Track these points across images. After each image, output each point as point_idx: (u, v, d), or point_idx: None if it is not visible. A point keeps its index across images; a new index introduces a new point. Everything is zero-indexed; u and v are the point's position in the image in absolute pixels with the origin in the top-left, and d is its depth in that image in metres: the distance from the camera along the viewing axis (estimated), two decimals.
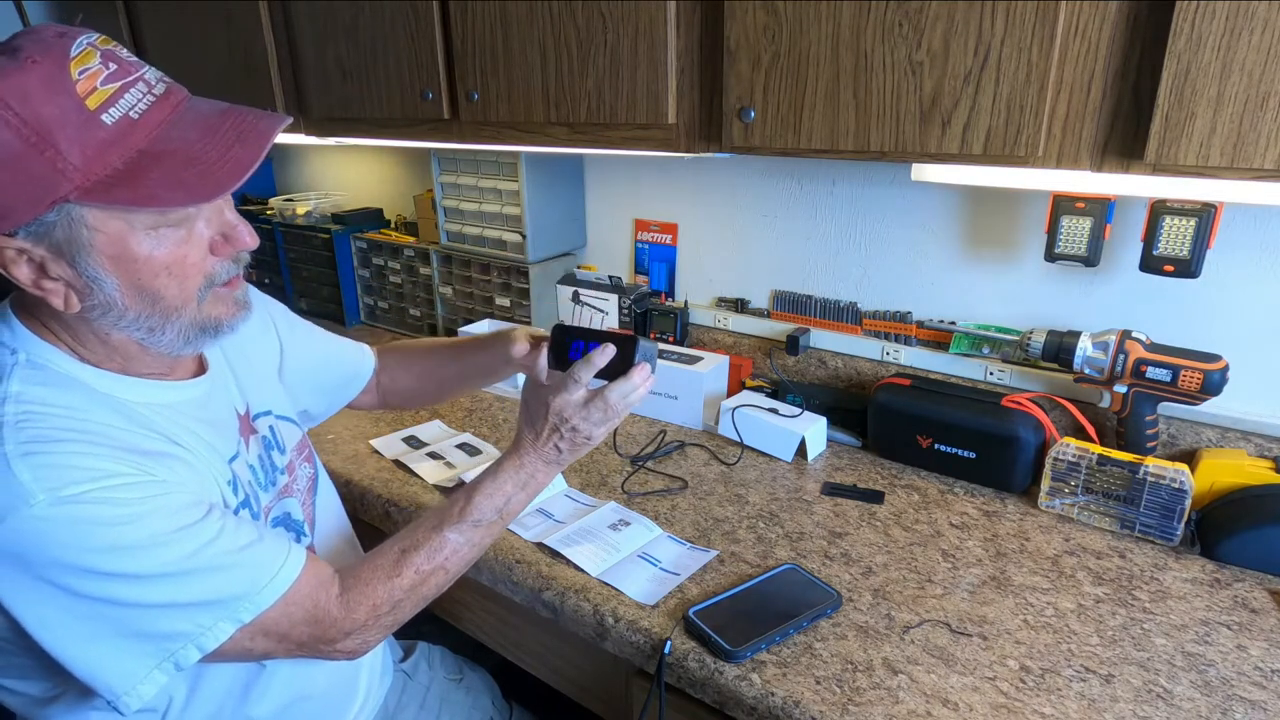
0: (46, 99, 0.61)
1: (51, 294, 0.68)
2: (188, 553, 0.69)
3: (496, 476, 0.87)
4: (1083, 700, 0.80)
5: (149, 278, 0.70)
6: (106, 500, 0.66)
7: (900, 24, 0.92)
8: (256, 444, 0.91)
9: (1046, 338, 1.18)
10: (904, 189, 1.35)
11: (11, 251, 0.65)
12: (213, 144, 0.67)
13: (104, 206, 0.65)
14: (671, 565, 1.03)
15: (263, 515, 0.87)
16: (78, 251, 0.66)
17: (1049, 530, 1.10)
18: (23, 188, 0.62)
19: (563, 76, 1.23)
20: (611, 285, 1.67)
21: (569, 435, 0.87)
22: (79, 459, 0.67)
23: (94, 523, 0.66)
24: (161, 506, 0.69)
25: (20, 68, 0.61)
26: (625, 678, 0.99)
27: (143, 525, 0.67)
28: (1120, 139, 0.87)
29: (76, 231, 0.65)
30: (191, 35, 1.80)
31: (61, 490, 0.65)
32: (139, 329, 0.72)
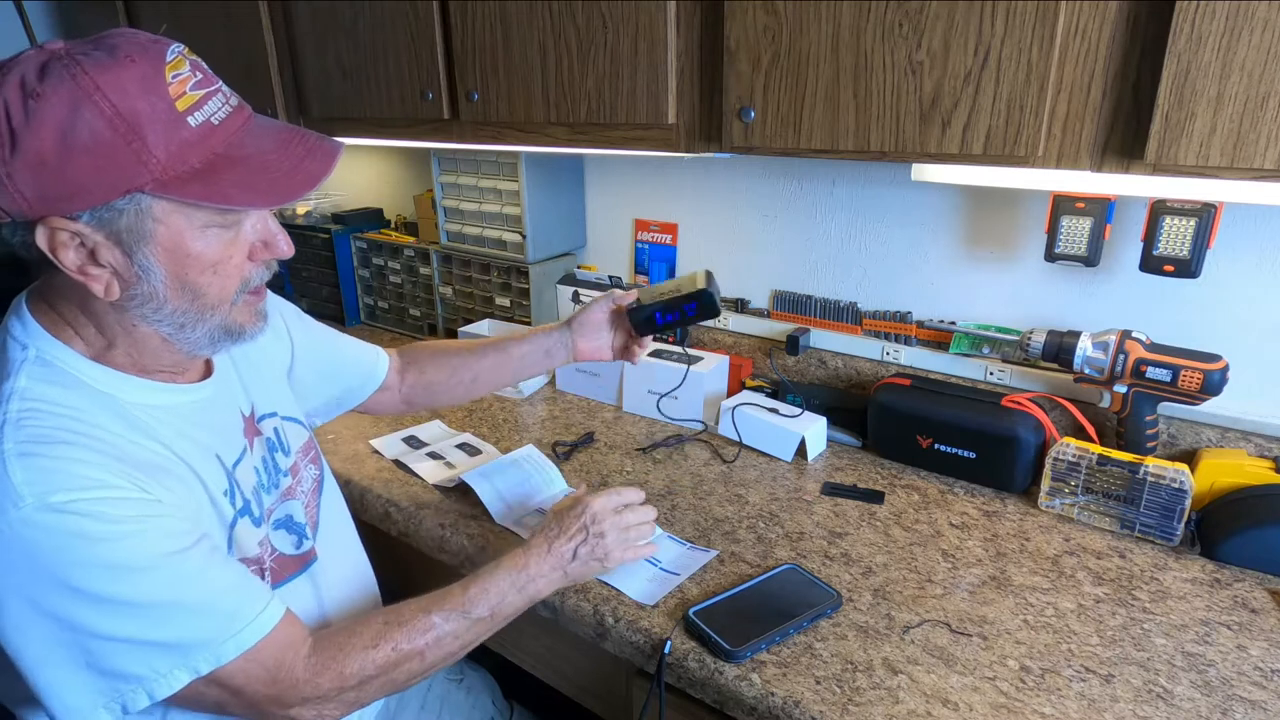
0: (140, 95, 0.65)
1: (94, 280, 0.69)
2: (163, 584, 0.68)
3: (494, 571, 0.87)
4: (1083, 700, 0.80)
5: (195, 273, 0.72)
6: (93, 514, 0.65)
7: (900, 24, 0.92)
8: (261, 445, 0.90)
9: (1046, 338, 1.18)
10: (904, 189, 1.35)
11: (66, 234, 0.67)
12: (285, 156, 0.73)
13: (174, 200, 0.68)
14: (671, 565, 1.03)
15: (265, 518, 0.86)
16: (137, 240, 0.69)
17: (1049, 530, 1.10)
18: (103, 172, 0.65)
19: (563, 76, 1.23)
20: (611, 285, 1.67)
21: (593, 542, 0.91)
22: (74, 465, 0.66)
23: (76, 535, 0.65)
24: (149, 529, 0.68)
25: (118, 63, 0.65)
26: (625, 678, 0.99)
27: (125, 546, 0.66)
28: (1120, 139, 0.87)
29: (141, 221, 0.68)
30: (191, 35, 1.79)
31: (50, 496, 0.64)
32: (171, 324, 0.74)
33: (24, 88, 0.63)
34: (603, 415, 1.49)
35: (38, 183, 0.64)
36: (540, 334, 1.14)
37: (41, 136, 0.63)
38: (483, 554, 1.08)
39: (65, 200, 0.65)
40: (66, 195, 0.65)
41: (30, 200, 0.64)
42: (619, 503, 0.95)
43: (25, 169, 0.63)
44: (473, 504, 1.17)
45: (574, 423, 1.46)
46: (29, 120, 0.62)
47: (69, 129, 0.63)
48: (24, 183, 0.64)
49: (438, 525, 1.14)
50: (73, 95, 0.63)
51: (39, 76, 0.63)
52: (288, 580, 0.88)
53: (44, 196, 0.64)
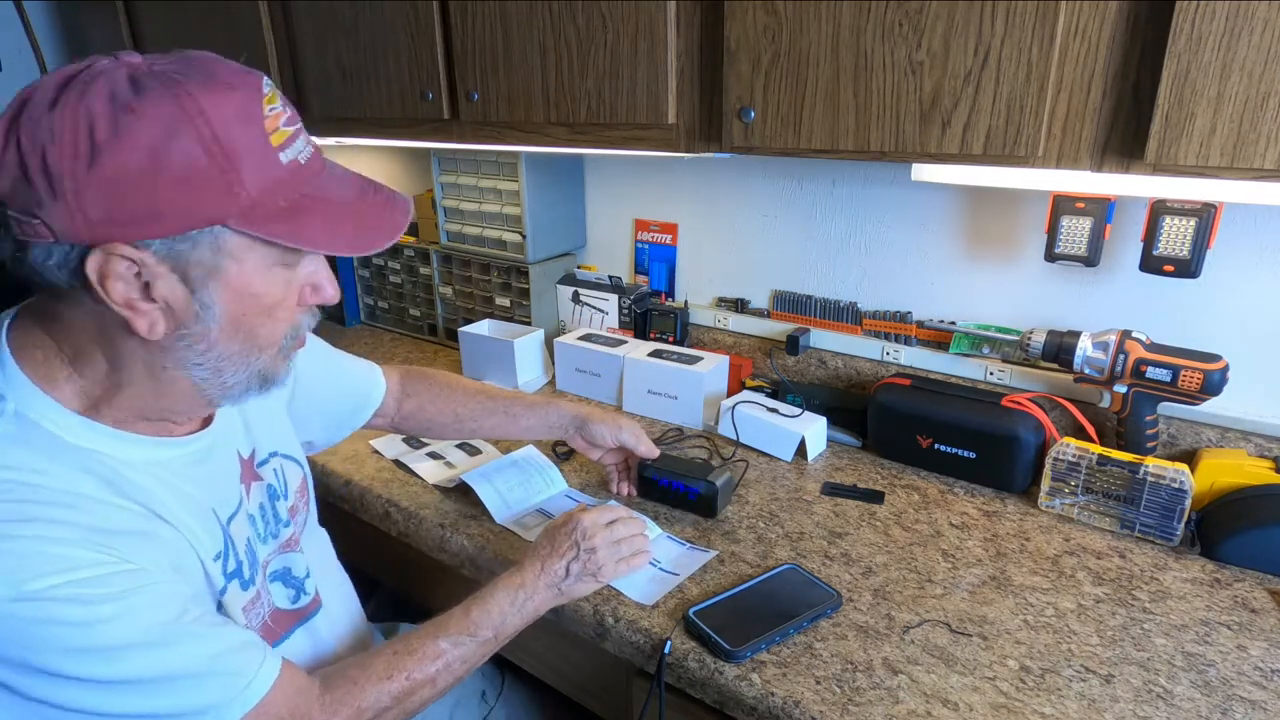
0: (239, 124, 0.62)
1: (140, 316, 0.63)
2: (157, 657, 0.64)
3: (494, 592, 0.88)
4: (1083, 700, 0.80)
5: (253, 314, 0.68)
6: (74, 599, 0.60)
7: (900, 24, 0.92)
8: (259, 492, 0.85)
9: (1046, 338, 1.18)
10: (904, 189, 1.35)
11: (126, 263, 0.61)
12: (365, 204, 0.71)
13: (254, 237, 0.64)
14: (671, 565, 1.03)
15: (260, 571, 0.82)
16: (206, 276, 0.64)
17: (1049, 530, 1.10)
18: (189, 201, 0.61)
19: (563, 76, 1.23)
20: (611, 285, 1.67)
21: (584, 558, 0.92)
22: (50, 546, 0.61)
23: (58, 623, 0.60)
24: (135, 606, 0.63)
25: (220, 87, 0.61)
26: (625, 678, 0.99)
27: (111, 628, 0.62)
28: (1120, 139, 0.87)
29: (215, 256, 0.64)
30: (191, 35, 1.80)
31: (26, 584, 0.59)
32: (210, 368, 0.69)
33: (115, 100, 0.58)
34: None
35: (109, 203, 0.58)
36: (549, 411, 1.17)
37: (128, 155, 0.58)
38: (482, 554, 1.08)
39: (135, 225, 0.60)
40: (139, 220, 0.60)
41: (92, 221, 0.59)
42: (609, 517, 0.96)
43: (98, 187, 0.58)
44: (473, 504, 1.17)
45: None
46: (117, 135, 0.58)
47: (162, 150, 0.59)
48: (92, 201, 0.58)
49: (438, 525, 1.14)
50: (172, 115, 0.59)
51: (133, 90, 0.59)
52: (283, 639, 0.85)
53: (110, 219, 0.59)
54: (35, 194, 0.58)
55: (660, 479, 1.16)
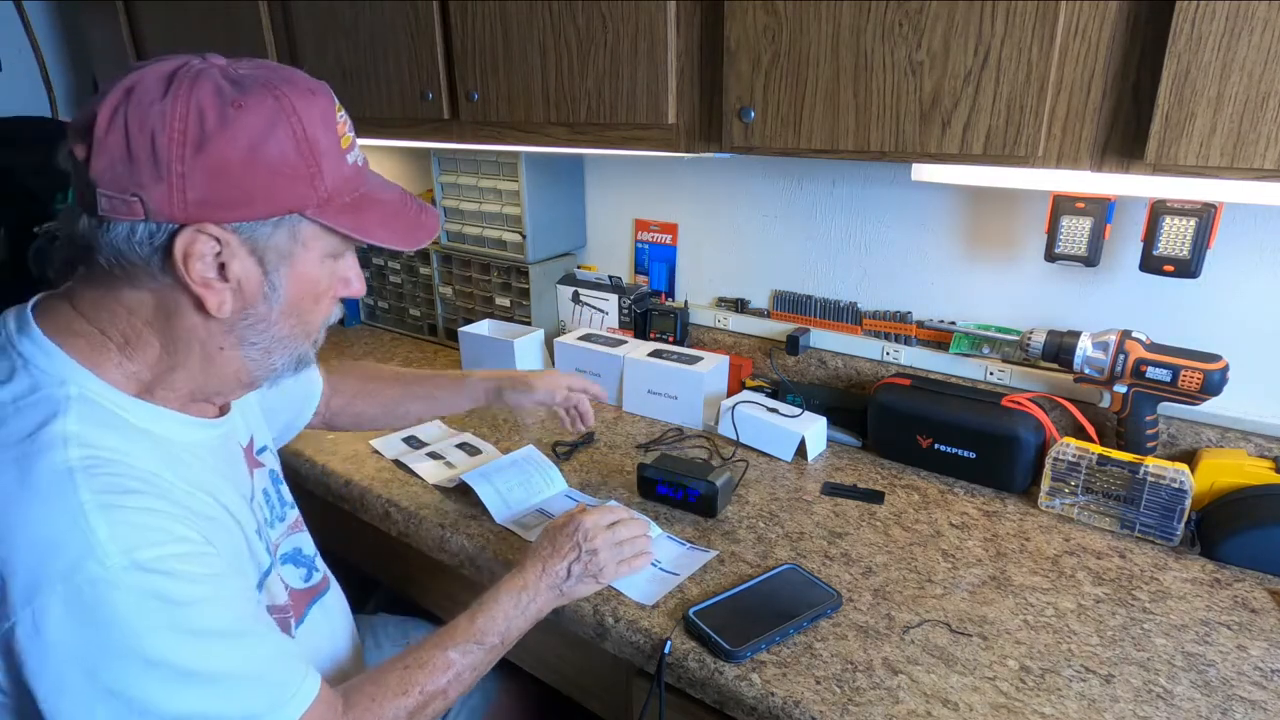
0: (321, 127, 0.69)
1: (214, 293, 0.68)
2: (234, 652, 0.66)
3: (497, 598, 0.89)
4: (1083, 700, 0.80)
5: (308, 299, 0.74)
6: (177, 573, 0.63)
7: (900, 24, 0.92)
8: (263, 478, 0.88)
9: (1046, 338, 1.18)
10: (904, 189, 1.35)
11: (211, 243, 0.66)
12: (408, 206, 0.78)
13: (325, 226, 0.71)
14: (671, 565, 1.03)
15: (274, 552, 0.84)
16: (279, 258, 0.70)
17: (1049, 530, 1.10)
18: (279, 189, 0.67)
19: (563, 76, 1.23)
20: (611, 285, 1.67)
21: (586, 559, 0.93)
22: (152, 517, 0.63)
23: (159, 597, 0.61)
24: (223, 591, 0.66)
25: (306, 93, 0.69)
26: (625, 678, 0.99)
27: (205, 610, 0.64)
28: (1120, 139, 0.87)
29: (290, 241, 0.70)
30: (191, 35, 1.80)
31: (138, 552, 0.61)
32: (261, 349, 0.74)
33: (221, 95, 0.64)
34: (603, 415, 1.49)
35: (210, 187, 0.64)
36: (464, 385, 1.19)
37: (234, 144, 0.64)
38: (482, 554, 1.08)
39: (228, 208, 0.65)
40: (232, 203, 0.65)
41: (190, 203, 0.64)
42: (610, 519, 0.97)
43: (204, 171, 0.63)
44: (473, 504, 1.17)
45: None
46: (225, 126, 0.63)
47: (262, 142, 0.65)
48: (195, 184, 0.63)
49: (438, 525, 1.14)
50: (273, 112, 0.65)
51: (236, 87, 0.65)
52: (303, 618, 0.86)
53: (207, 201, 0.64)
54: (138, 174, 0.63)
55: (660, 479, 1.16)
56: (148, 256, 0.65)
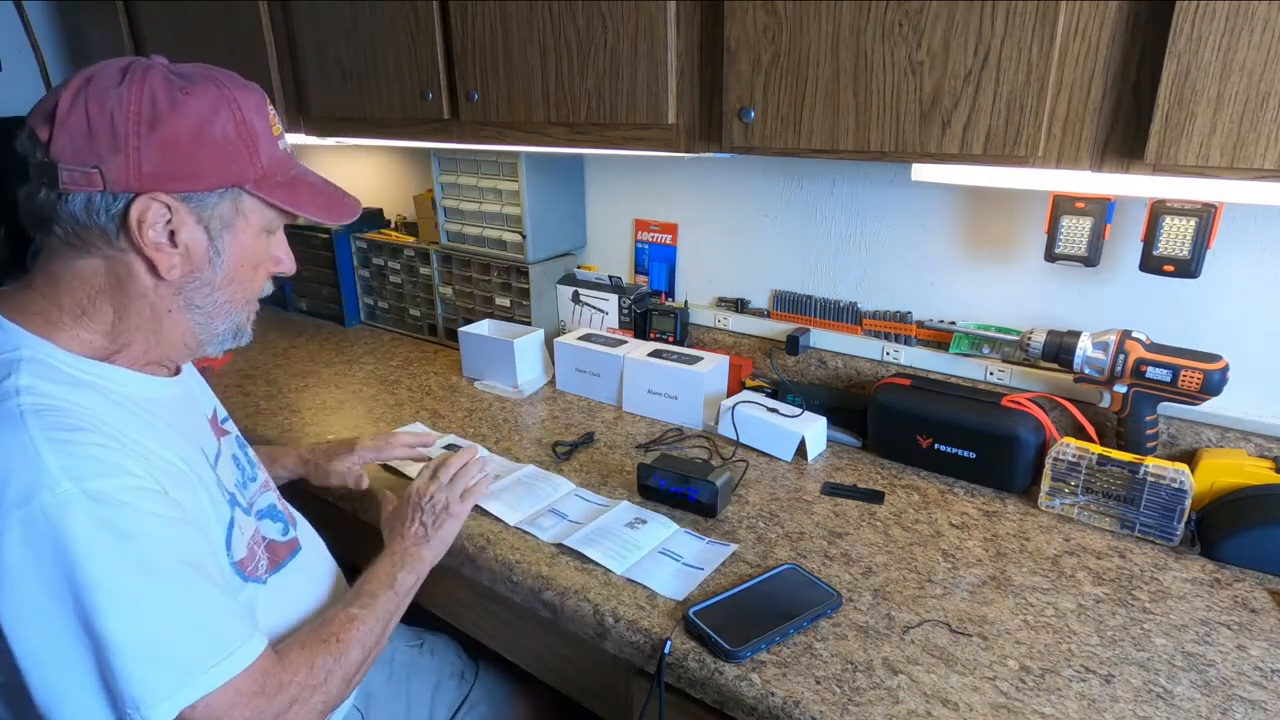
0: (256, 114, 0.80)
1: (165, 256, 0.76)
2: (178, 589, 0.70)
3: (375, 565, 0.98)
4: (1083, 700, 0.80)
5: (247, 267, 0.83)
6: (127, 505, 0.68)
7: (900, 24, 0.92)
8: (230, 443, 0.95)
9: (1046, 338, 1.18)
10: (904, 189, 1.35)
11: (162, 210, 0.74)
12: (333, 189, 0.89)
13: (263, 200, 0.81)
14: (694, 560, 1.03)
15: (250, 509, 0.90)
16: (223, 227, 0.79)
17: (1049, 530, 1.10)
18: (223, 164, 0.77)
19: (563, 76, 1.23)
20: (611, 285, 1.67)
21: (427, 508, 1.03)
22: (103, 451, 0.69)
23: (108, 527, 0.66)
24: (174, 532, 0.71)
25: (243, 87, 0.80)
26: (625, 678, 0.99)
27: (152, 546, 0.69)
28: (1120, 139, 0.87)
29: (233, 211, 0.79)
30: (191, 35, 1.80)
31: (87, 481, 0.66)
32: (205, 312, 0.82)
33: (171, 83, 0.74)
34: (603, 415, 1.49)
35: (162, 159, 0.73)
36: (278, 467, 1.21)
37: (183, 123, 0.74)
38: (483, 554, 1.08)
39: (177, 180, 0.74)
40: (181, 175, 0.74)
41: (144, 174, 0.73)
42: (428, 473, 1.06)
43: (157, 146, 0.73)
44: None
45: (574, 423, 1.46)
46: (175, 107, 0.73)
47: (208, 123, 0.75)
48: (149, 157, 0.72)
49: None
50: (216, 98, 0.76)
51: (182, 79, 0.75)
52: (285, 564, 0.93)
53: (160, 173, 0.73)
54: (97, 148, 0.71)
55: (660, 480, 1.16)
56: (105, 224, 0.74)
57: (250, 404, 1.58)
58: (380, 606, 0.92)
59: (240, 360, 1.82)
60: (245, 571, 0.83)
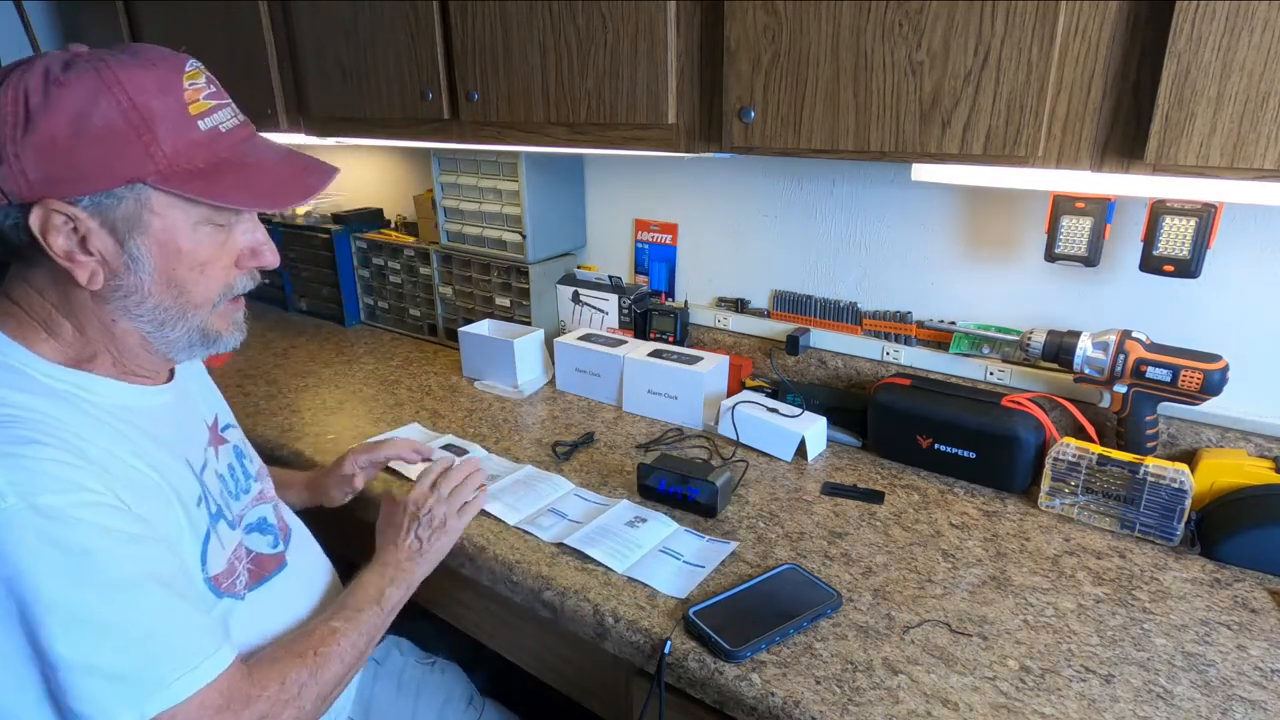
0: (156, 94, 0.70)
1: (80, 267, 0.71)
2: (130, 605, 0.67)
3: (365, 577, 0.93)
4: (1083, 700, 0.80)
5: (183, 270, 0.75)
6: (77, 521, 0.64)
7: (900, 24, 0.92)
8: (227, 453, 0.92)
9: (1046, 338, 1.18)
10: (904, 189, 1.35)
11: (61, 218, 0.69)
12: (286, 167, 0.78)
13: (174, 194, 0.71)
14: (695, 558, 1.03)
15: (237, 523, 0.87)
16: (131, 229, 0.71)
17: (1049, 530, 1.10)
18: (110, 160, 0.68)
19: (563, 76, 1.23)
20: (611, 285, 1.67)
21: (424, 520, 0.97)
22: (58, 468, 0.65)
23: (56, 544, 0.63)
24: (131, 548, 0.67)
25: (140, 64, 0.70)
26: (625, 678, 0.99)
27: (102, 562, 0.65)
28: (1120, 139, 0.87)
29: (139, 211, 0.71)
30: (191, 35, 1.80)
31: (35, 496, 0.63)
32: (151, 321, 0.76)
33: (47, 76, 0.67)
34: (603, 415, 1.49)
35: (44, 164, 0.67)
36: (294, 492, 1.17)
37: (57, 119, 0.66)
38: (482, 554, 1.08)
39: (68, 184, 0.68)
40: (70, 179, 0.67)
41: (32, 181, 0.67)
42: (429, 481, 1.01)
43: (34, 149, 0.66)
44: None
45: (574, 423, 1.46)
46: (47, 103, 0.66)
47: (84, 115, 0.67)
48: (30, 163, 0.66)
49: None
50: (94, 85, 0.67)
51: (63, 68, 0.68)
52: (269, 578, 0.90)
53: (47, 178, 0.67)
54: None
55: (660, 480, 1.16)
56: (19, 237, 0.70)
57: (250, 404, 1.58)
58: (364, 622, 0.88)
59: (240, 360, 1.82)
60: (220, 587, 0.80)
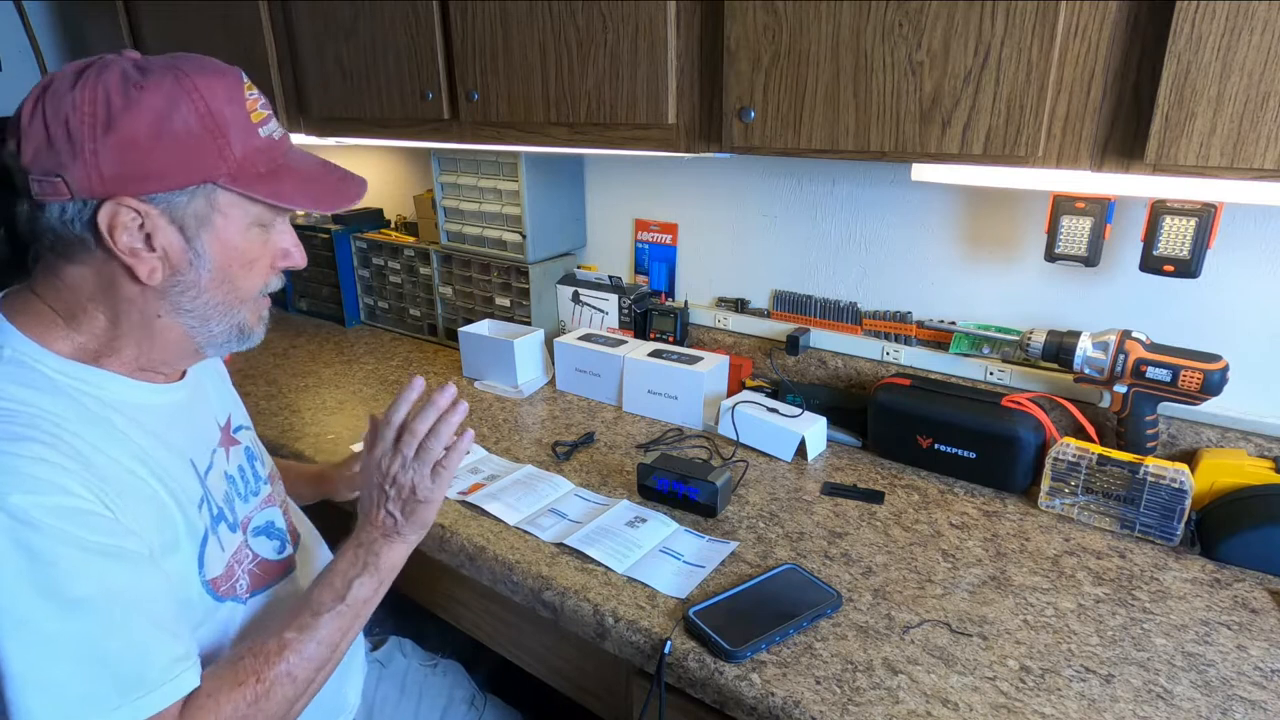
0: (227, 102, 0.74)
1: (142, 263, 0.73)
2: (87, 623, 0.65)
3: (335, 563, 0.85)
4: (1083, 700, 0.80)
5: (236, 266, 0.78)
6: (48, 527, 0.63)
7: (900, 24, 0.92)
8: (238, 454, 0.92)
9: (1046, 338, 1.18)
10: (904, 189, 1.35)
11: (132, 214, 0.71)
12: (328, 174, 0.84)
13: (241, 194, 0.75)
14: (695, 558, 1.03)
15: (240, 527, 0.87)
16: (199, 226, 0.74)
17: (1049, 530, 1.10)
18: (187, 161, 0.72)
19: (563, 76, 1.23)
20: (611, 285, 1.67)
21: (394, 493, 0.86)
22: (38, 466, 0.65)
23: (21, 546, 0.62)
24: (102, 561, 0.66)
25: (210, 73, 0.74)
26: (625, 678, 0.99)
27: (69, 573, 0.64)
28: (1120, 139, 0.87)
29: (208, 210, 0.74)
30: (191, 35, 1.80)
31: (10, 495, 0.62)
32: (198, 316, 0.78)
33: (126, 78, 0.70)
34: (603, 415, 1.49)
35: (122, 162, 0.69)
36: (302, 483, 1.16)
37: (139, 121, 0.69)
38: (482, 554, 1.08)
39: (142, 181, 0.70)
40: (145, 177, 0.70)
41: (106, 178, 0.69)
42: (390, 437, 0.87)
43: (114, 148, 0.69)
44: (473, 504, 1.17)
45: (574, 423, 1.46)
46: (129, 106, 0.69)
47: (166, 118, 0.70)
48: (107, 161, 0.69)
49: (438, 525, 1.14)
50: (174, 90, 0.71)
51: (140, 72, 0.71)
52: (273, 583, 0.89)
53: (120, 176, 0.69)
54: (58, 156, 0.68)
55: (660, 480, 1.16)
56: (80, 232, 0.71)
57: (250, 404, 1.57)
58: (325, 627, 0.80)
59: (240, 360, 1.81)
60: (218, 591, 0.80)
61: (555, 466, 1.30)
